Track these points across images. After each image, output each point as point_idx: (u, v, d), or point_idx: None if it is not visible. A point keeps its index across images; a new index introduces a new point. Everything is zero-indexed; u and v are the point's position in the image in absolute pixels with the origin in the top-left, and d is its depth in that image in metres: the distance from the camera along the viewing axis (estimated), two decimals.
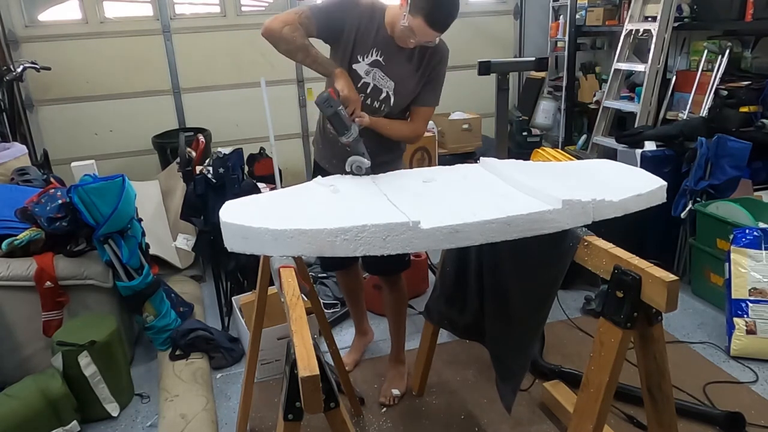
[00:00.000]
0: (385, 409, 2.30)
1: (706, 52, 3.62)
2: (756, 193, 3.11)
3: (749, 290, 2.47)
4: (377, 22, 1.97)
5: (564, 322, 2.82)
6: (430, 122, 4.29)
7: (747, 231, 2.53)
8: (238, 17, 4.58)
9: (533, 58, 2.92)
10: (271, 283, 1.64)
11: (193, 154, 3.20)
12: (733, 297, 2.51)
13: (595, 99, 4.74)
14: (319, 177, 1.86)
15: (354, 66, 1.99)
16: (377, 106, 2.03)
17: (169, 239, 3.35)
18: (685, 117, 3.64)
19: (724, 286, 2.61)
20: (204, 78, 4.60)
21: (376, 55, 1.98)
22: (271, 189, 3.51)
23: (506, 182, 1.74)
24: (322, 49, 1.97)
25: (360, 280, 2.63)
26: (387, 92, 2.01)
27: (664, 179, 1.71)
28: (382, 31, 1.97)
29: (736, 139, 2.93)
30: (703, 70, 3.62)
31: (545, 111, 5.25)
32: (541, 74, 5.20)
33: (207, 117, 4.61)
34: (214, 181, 2.73)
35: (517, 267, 1.74)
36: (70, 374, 2.18)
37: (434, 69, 2.03)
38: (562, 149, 3.86)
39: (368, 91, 2.01)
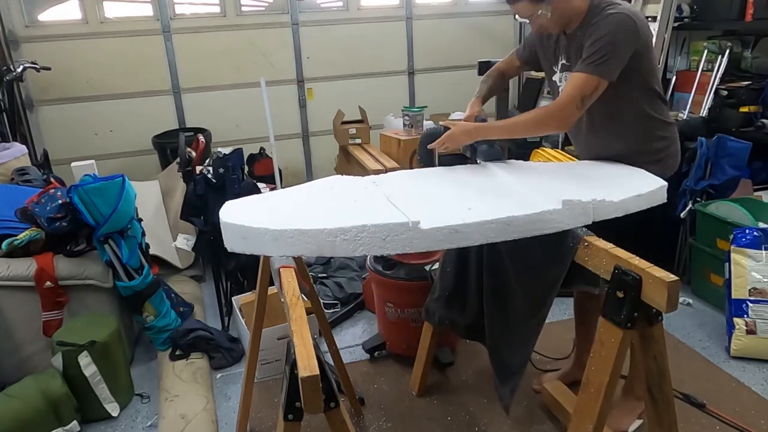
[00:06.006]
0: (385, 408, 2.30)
1: (706, 52, 3.61)
2: (756, 193, 3.10)
3: (749, 290, 2.47)
4: None
5: (564, 322, 2.81)
6: (429, 122, 4.29)
7: (747, 231, 2.53)
8: (238, 17, 4.58)
9: None
10: (271, 283, 1.64)
11: (193, 154, 3.20)
12: (733, 297, 2.51)
13: None
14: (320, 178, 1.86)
15: (553, 78, 1.98)
16: None
17: (169, 239, 3.35)
18: (685, 117, 3.63)
19: (724, 286, 2.61)
20: (204, 78, 4.60)
21: (563, 59, 1.92)
22: (271, 189, 3.50)
23: (506, 182, 1.74)
24: None
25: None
26: None
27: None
28: (560, 35, 1.90)
29: (736, 139, 2.92)
30: (703, 70, 3.61)
31: None
32: (541, 74, 5.17)
33: (207, 117, 4.60)
34: (214, 181, 2.73)
35: (517, 267, 1.74)
36: (70, 374, 2.18)
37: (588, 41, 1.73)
38: (562, 149, 3.85)
39: None
